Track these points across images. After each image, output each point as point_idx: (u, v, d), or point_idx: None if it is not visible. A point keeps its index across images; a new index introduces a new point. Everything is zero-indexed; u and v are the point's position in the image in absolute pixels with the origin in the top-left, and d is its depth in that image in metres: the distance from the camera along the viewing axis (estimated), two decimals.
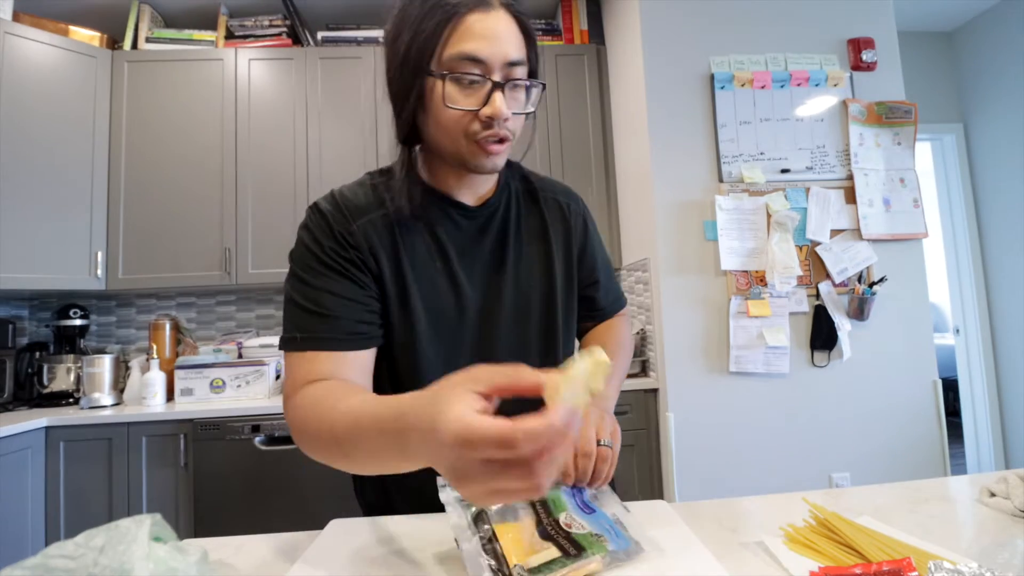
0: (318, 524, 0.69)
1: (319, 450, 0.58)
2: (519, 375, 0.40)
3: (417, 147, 0.74)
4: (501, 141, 0.65)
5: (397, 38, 0.65)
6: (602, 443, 0.65)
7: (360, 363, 0.67)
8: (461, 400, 0.38)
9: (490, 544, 0.52)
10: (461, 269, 0.74)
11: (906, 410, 2.04)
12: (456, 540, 0.54)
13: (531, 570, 0.50)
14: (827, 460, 1.99)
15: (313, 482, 1.91)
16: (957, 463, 2.66)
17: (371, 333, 0.69)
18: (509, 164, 0.81)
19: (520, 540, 0.53)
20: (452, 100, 0.62)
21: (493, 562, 0.50)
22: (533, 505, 0.59)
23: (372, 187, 0.74)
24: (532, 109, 0.67)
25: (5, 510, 1.74)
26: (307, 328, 0.65)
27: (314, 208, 0.73)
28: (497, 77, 0.62)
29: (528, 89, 0.66)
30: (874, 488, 0.76)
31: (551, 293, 0.79)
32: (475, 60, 0.61)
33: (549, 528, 0.56)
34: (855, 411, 2.01)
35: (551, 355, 0.79)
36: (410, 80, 0.64)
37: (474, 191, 0.76)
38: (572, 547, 0.53)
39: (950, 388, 2.63)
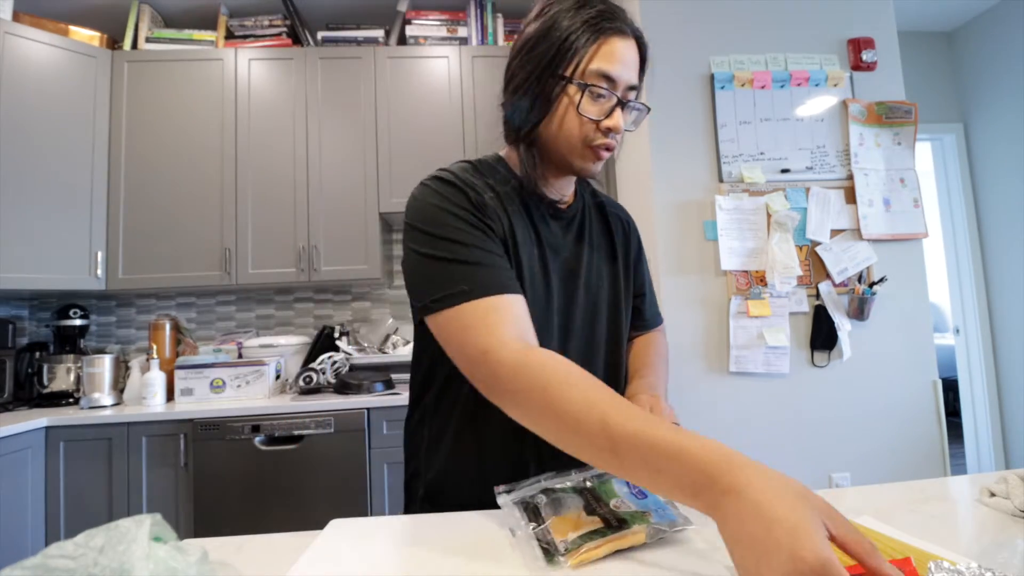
0: (318, 524, 0.69)
1: (554, 420, 0.54)
2: (870, 555, 0.38)
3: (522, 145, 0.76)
4: (608, 149, 0.73)
5: (539, 43, 0.71)
6: None
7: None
8: (820, 533, 0.37)
9: (543, 531, 0.56)
10: (550, 261, 0.78)
11: (906, 410, 2.03)
12: (511, 530, 0.59)
13: (574, 541, 0.53)
14: (827, 460, 1.99)
15: (313, 482, 1.91)
16: (957, 463, 2.66)
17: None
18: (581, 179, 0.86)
19: (569, 522, 0.57)
20: (584, 109, 0.70)
21: (545, 543, 0.54)
22: (582, 493, 0.62)
23: (477, 172, 0.76)
24: (634, 128, 0.77)
25: (5, 510, 1.74)
26: (475, 279, 0.64)
27: (437, 180, 0.73)
28: (621, 96, 0.71)
29: (637, 112, 0.76)
30: (874, 488, 0.76)
31: (616, 300, 0.85)
32: (609, 78, 0.69)
33: (598, 508, 0.59)
34: (855, 411, 2.01)
35: (616, 359, 0.84)
36: (546, 83, 0.70)
37: (560, 195, 0.82)
38: (616, 520, 0.56)
39: (950, 388, 2.63)
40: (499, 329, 0.61)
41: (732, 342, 1.99)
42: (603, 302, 0.84)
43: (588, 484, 0.65)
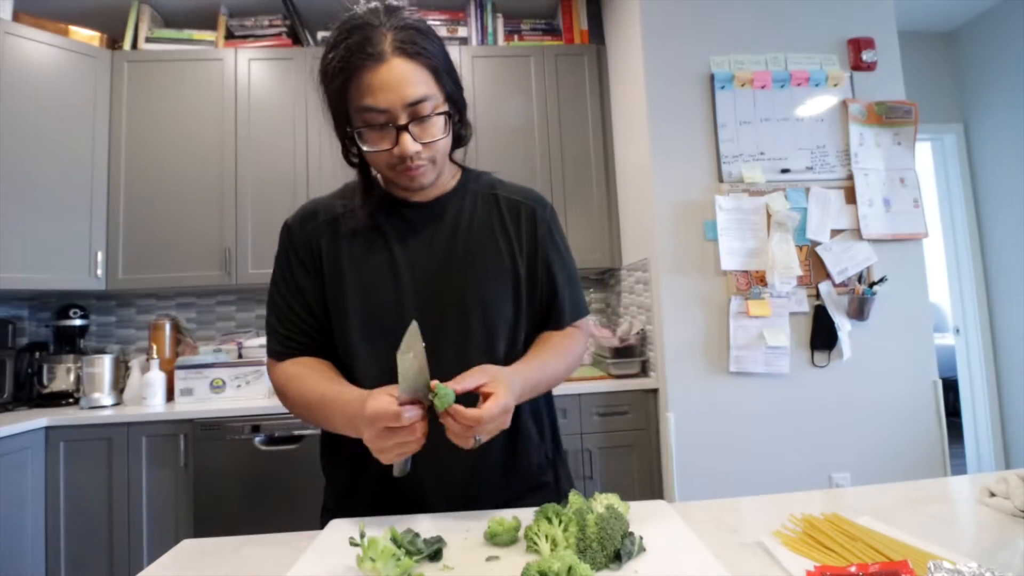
0: (318, 524, 0.69)
1: (294, 411, 0.83)
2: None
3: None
4: (411, 171, 0.74)
5: (325, 106, 0.77)
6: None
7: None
8: (378, 396, 0.63)
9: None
10: (403, 260, 0.80)
11: (906, 410, 2.03)
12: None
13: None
14: (827, 460, 1.99)
15: (313, 482, 1.90)
16: (957, 463, 2.66)
17: (305, 343, 0.84)
18: (475, 173, 0.89)
19: None
20: (369, 144, 0.73)
21: None
22: None
23: (340, 194, 0.86)
24: (442, 136, 0.74)
25: (5, 510, 1.74)
26: (270, 329, 0.88)
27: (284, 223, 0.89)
28: (403, 119, 0.70)
29: (448, 116, 0.74)
30: (874, 488, 0.76)
31: (496, 289, 0.82)
32: (377, 111, 0.70)
33: None
34: (855, 411, 2.01)
35: (493, 348, 0.80)
36: (338, 130, 0.77)
37: (424, 195, 0.82)
38: None
39: (950, 388, 2.62)
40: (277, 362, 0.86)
41: (732, 342, 1.98)
42: (480, 291, 0.80)
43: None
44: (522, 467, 0.84)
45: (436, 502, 0.76)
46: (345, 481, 0.86)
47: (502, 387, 0.66)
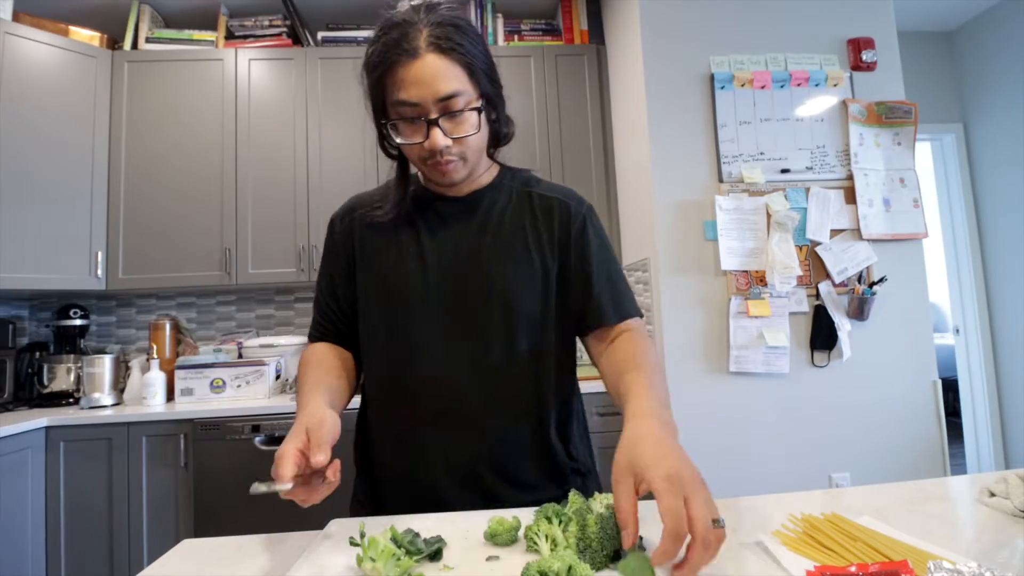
0: (318, 524, 0.69)
1: None
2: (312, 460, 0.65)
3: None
4: (441, 165, 0.75)
5: (364, 88, 0.78)
6: (717, 522, 0.48)
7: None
8: (294, 438, 0.67)
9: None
10: (431, 253, 0.81)
11: (906, 410, 2.03)
12: None
13: None
14: (827, 460, 1.99)
15: None
16: (957, 463, 2.66)
17: (333, 331, 0.88)
18: (512, 170, 0.89)
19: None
20: (403, 137, 0.75)
21: None
22: None
23: (383, 188, 0.88)
24: (473, 132, 0.74)
25: (5, 510, 1.74)
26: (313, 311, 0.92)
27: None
28: (433, 113, 0.71)
29: (479, 111, 0.74)
30: (874, 488, 0.76)
31: (521, 283, 0.81)
32: (411, 104, 0.71)
33: None
34: (855, 411, 2.01)
35: (514, 343, 0.79)
36: (377, 123, 0.78)
37: (458, 189, 0.84)
38: None
39: (950, 388, 2.63)
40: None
41: (732, 342, 1.99)
42: (503, 284, 0.80)
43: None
44: (552, 475, 0.82)
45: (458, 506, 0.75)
46: (375, 475, 0.86)
47: (660, 480, 0.50)
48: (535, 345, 0.81)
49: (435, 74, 0.70)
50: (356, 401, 0.88)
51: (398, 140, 0.75)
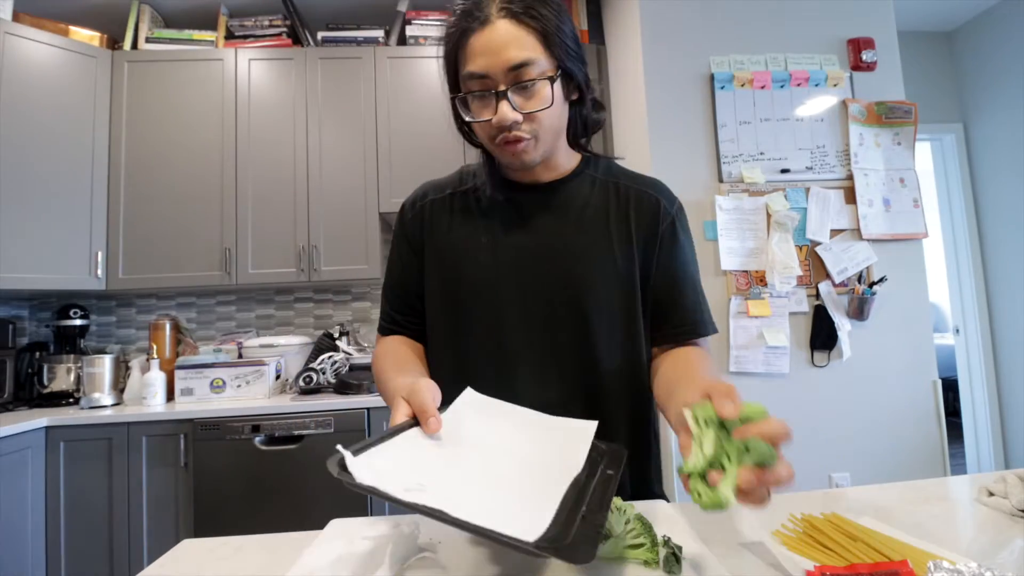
0: (318, 524, 0.69)
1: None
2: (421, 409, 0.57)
3: None
4: (511, 143, 0.70)
5: (442, 67, 0.74)
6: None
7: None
8: (424, 391, 0.57)
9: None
10: (505, 243, 0.78)
11: (906, 410, 2.03)
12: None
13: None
14: (827, 460, 1.99)
15: (313, 482, 1.90)
16: (957, 463, 2.66)
17: (404, 323, 0.85)
18: (595, 158, 0.84)
19: None
20: (473, 114, 0.70)
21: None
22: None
23: (457, 175, 0.86)
24: (546, 106, 0.68)
25: (5, 510, 1.74)
26: (382, 306, 0.88)
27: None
28: (503, 85, 0.67)
29: (551, 81, 0.68)
30: (874, 488, 0.76)
31: (596, 278, 0.76)
32: (480, 77, 0.67)
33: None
34: (855, 411, 2.01)
35: (587, 339, 0.75)
36: (452, 102, 0.73)
37: (536, 176, 0.80)
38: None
39: (950, 388, 2.63)
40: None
41: (732, 342, 1.99)
42: (577, 278, 0.76)
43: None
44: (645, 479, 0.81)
45: None
46: None
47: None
48: (612, 341, 0.76)
49: (506, 41, 0.66)
50: None
51: (467, 118, 0.71)
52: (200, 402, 2.08)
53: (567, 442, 0.61)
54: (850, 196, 2.08)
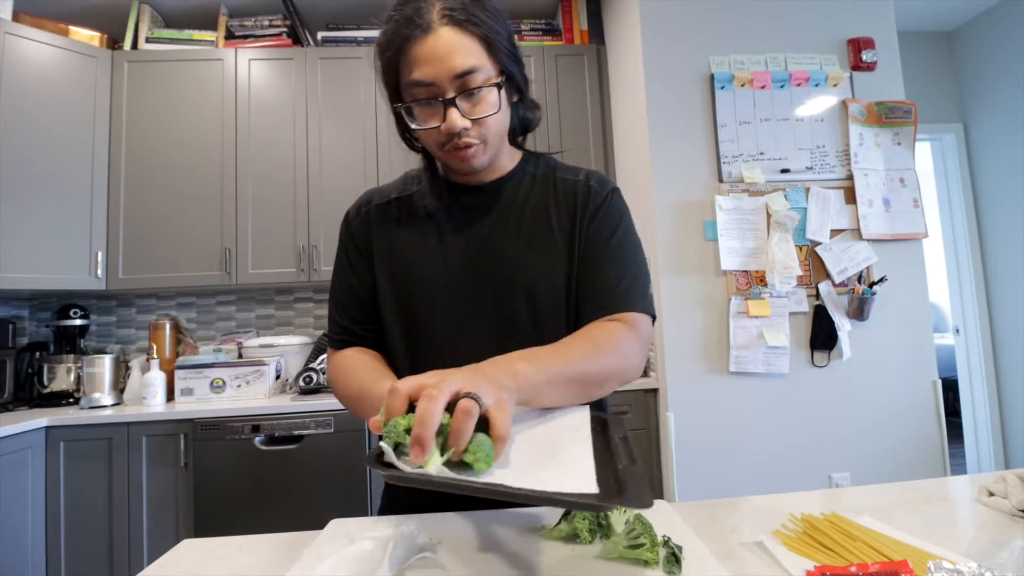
0: (318, 524, 0.69)
1: (342, 403, 0.78)
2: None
3: None
4: (460, 148, 0.70)
5: (378, 73, 0.73)
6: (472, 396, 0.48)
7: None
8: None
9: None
10: (453, 245, 0.78)
11: (906, 410, 2.04)
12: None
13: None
14: (827, 460, 1.99)
15: (313, 482, 1.91)
16: (957, 463, 2.66)
17: (361, 332, 0.83)
18: (536, 155, 0.85)
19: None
20: (419, 122, 0.70)
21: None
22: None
23: (400, 182, 0.86)
24: (493, 111, 0.69)
25: (5, 510, 1.74)
26: (330, 319, 0.86)
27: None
28: (450, 92, 0.67)
29: (498, 88, 0.69)
30: (874, 488, 0.76)
31: (543, 271, 0.77)
32: (426, 84, 0.67)
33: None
34: (855, 411, 2.01)
35: (541, 333, 0.74)
36: (394, 110, 0.73)
37: (479, 178, 0.80)
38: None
39: (950, 388, 2.63)
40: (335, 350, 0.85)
41: (732, 342, 1.99)
42: (528, 272, 0.76)
43: None
44: None
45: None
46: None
47: (486, 382, 0.51)
48: (562, 338, 0.73)
49: (450, 49, 0.65)
50: None
51: (413, 126, 0.70)
52: (200, 402, 2.08)
53: (566, 422, 0.62)
54: (850, 196, 2.08)
